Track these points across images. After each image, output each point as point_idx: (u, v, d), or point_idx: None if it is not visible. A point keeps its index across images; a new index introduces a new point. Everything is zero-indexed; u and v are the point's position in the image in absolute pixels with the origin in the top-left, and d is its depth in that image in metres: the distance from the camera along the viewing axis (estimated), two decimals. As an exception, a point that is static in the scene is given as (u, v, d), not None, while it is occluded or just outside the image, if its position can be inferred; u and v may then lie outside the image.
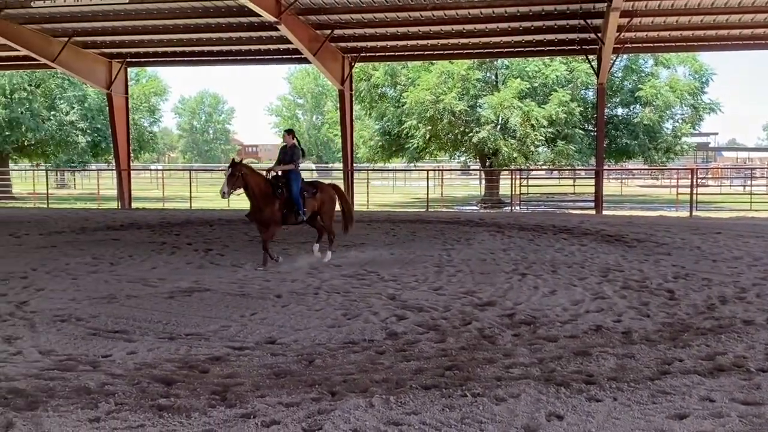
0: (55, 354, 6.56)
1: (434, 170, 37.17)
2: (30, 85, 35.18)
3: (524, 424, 4.70)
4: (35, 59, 23.44)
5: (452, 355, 6.42)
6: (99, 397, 5.18)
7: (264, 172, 12.29)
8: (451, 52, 24.57)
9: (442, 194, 29.94)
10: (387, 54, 25.11)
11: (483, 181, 33.82)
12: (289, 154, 12.06)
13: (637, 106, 30.12)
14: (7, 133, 34.55)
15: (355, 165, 28.87)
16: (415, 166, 36.03)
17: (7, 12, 20.19)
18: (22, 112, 34.43)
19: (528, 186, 28.60)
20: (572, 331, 7.34)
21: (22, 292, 9.54)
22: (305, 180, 12.44)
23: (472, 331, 7.34)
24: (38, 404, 5.05)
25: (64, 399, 5.18)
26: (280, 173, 12.06)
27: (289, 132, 12.26)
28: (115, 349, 6.72)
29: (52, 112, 35.79)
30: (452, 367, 5.96)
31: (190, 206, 26.52)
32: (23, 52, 22.60)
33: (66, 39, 22.92)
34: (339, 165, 45.40)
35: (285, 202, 11.76)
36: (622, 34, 20.21)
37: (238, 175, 11.33)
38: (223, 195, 11.46)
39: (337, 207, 12.98)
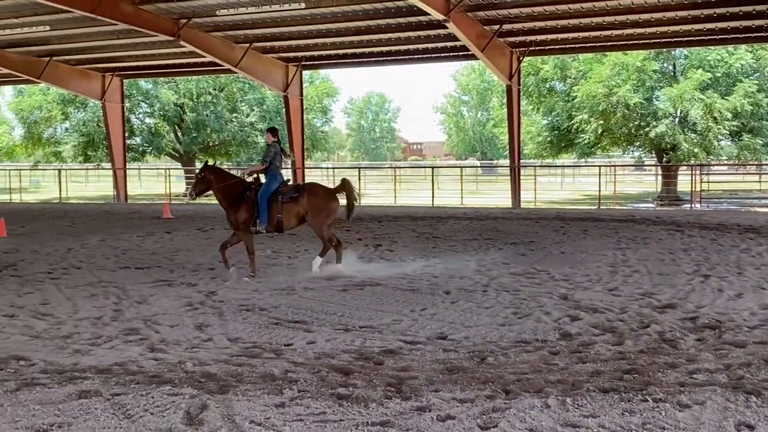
0: (241, 341, 7.00)
1: (606, 166, 35.85)
2: (214, 89, 37.68)
3: (711, 434, 4.45)
4: (220, 65, 25.03)
5: (631, 358, 6.18)
6: (283, 384, 5.47)
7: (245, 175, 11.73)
8: (626, 42, 23.52)
9: (614, 191, 28.80)
10: (557, 47, 24.48)
11: (659, 178, 32.17)
12: (263, 153, 11.52)
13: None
14: (194, 134, 37.28)
15: (522, 161, 28.44)
16: (585, 161, 34.93)
17: (194, 21, 21.71)
18: (207, 115, 36.99)
19: (709, 182, 26.89)
20: (762, 336, 6.84)
21: (211, 282, 10.26)
22: (288, 182, 11.41)
23: (651, 334, 7.03)
24: (229, 388, 5.39)
25: (252, 384, 5.50)
26: (256, 176, 11.38)
27: (270, 130, 11.52)
28: (295, 338, 7.07)
29: (234, 115, 38.17)
30: (631, 371, 5.74)
31: (359, 203, 27.23)
32: (209, 58, 24.21)
33: (247, 45, 24.32)
34: (504, 162, 44.91)
35: (252, 206, 10.88)
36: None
37: (199, 178, 11.10)
38: (189, 197, 11.48)
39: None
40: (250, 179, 11.41)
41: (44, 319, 8.02)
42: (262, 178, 11.24)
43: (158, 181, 42.87)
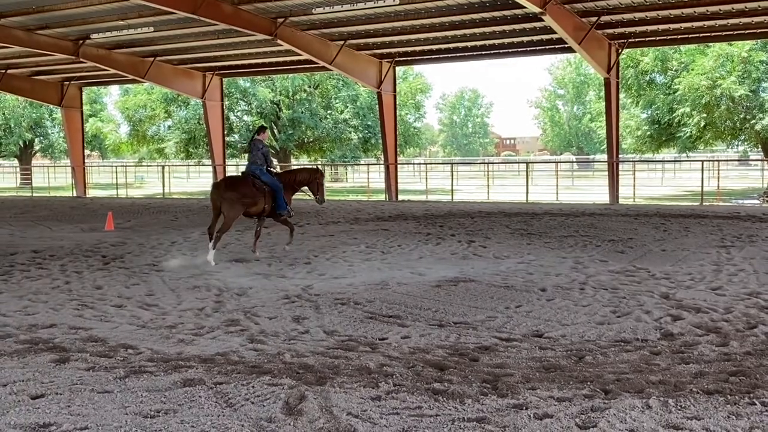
0: (337, 334, 7.13)
1: (709, 161, 34.44)
2: (309, 87, 38.36)
3: (826, 442, 4.23)
4: (315, 62, 25.44)
5: (737, 359, 5.94)
6: (379, 377, 5.53)
7: None
8: (731, 33, 22.49)
9: (718, 187, 27.62)
10: (658, 38, 23.66)
11: (765, 173, 30.68)
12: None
13: None
14: (290, 131, 38.10)
15: (620, 156, 27.67)
16: (687, 156, 33.67)
17: (291, 20, 22.14)
18: (302, 112, 37.73)
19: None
20: None
21: (307, 276, 10.48)
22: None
23: (758, 335, 6.73)
24: (326, 380, 5.49)
25: (348, 377, 5.59)
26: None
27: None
28: (390, 332, 7.14)
29: (328, 111, 38.79)
30: (737, 373, 5.52)
31: (452, 198, 27.22)
32: (305, 56, 24.65)
33: (342, 42, 24.63)
34: (602, 157, 43.78)
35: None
36: None
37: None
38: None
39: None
40: None
41: (150, 310, 8.38)
42: None
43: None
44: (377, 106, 29.09)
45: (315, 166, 13.06)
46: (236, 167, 47.62)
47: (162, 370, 5.80)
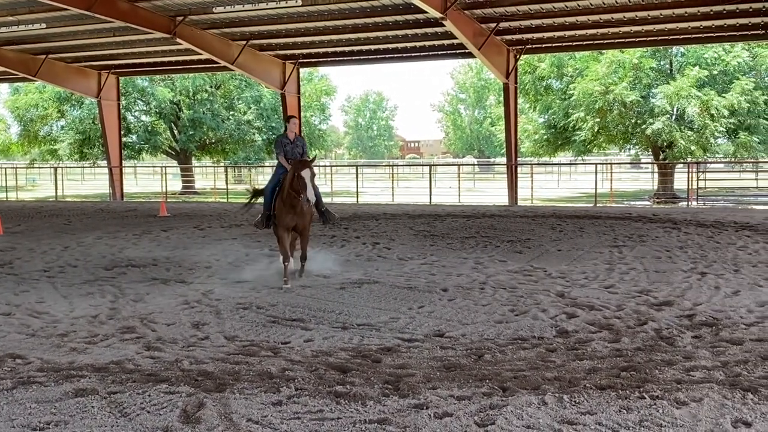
0: (239, 339, 7.00)
1: (603, 164, 35.88)
2: (211, 87, 37.61)
3: (707, 430, 4.45)
4: (216, 62, 24.96)
5: (628, 355, 6.19)
6: (280, 382, 5.46)
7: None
8: (623, 40, 23.53)
9: (611, 188, 28.80)
10: (553, 45, 24.47)
11: (656, 175, 32.21)
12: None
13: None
14: (191, 132, 37.23)
15: (519, 159, 28.45)
16: (582, 159, 34.94)
17: (190, 18, 21.66)
18: (203, 113, 36.94)
19: (706, 180, 26.92)
20: (759, 334, 6.85)
21: (207, 281, 10.25)
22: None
23: (648, 331, 7.05)
24: (226, 386, 5.38)
25: (249, 382, 5.49)
26: None
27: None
28: (293, 336, 7.07)
29: (231, 112, 38.14)
30: (628, 368, 5.75)
31: (357, 201, 27.28)
32: (205, 55, 24.13)
33: (244, 42, 24.27)
34: (502, 160, 44.92)
35: None
36: (816, 14, 18.54)
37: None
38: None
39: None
40: None
41: (40, 318, 8.01)
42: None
43: (154, 179, 42.89)
44: (281, 107, 28.80)
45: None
46: (134, 168, 46.37)
47: (53, 381, 5.56)
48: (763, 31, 20.73)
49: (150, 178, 45.00)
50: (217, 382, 5.49)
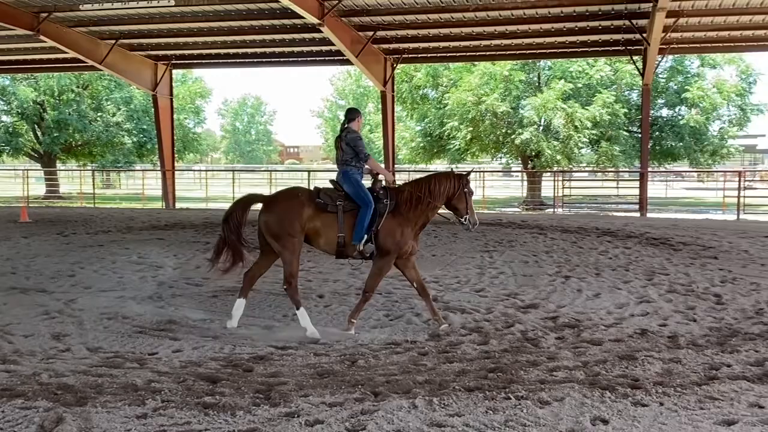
0: (102, 351, 6.69)
1: (476, 172, 36.95)
2: (78, 87, 35.91)
3: (568, 428, 4.64)
4: (83, 61, 23.89)
5: (495, 357, 6.37)
6: (146, 394, 5.25)
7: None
8: (494, 53, 24.43)
9: (483, 195, 29.69)
10: (429, 55, 25.07)
11: (525, 183, 33.54)
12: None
13: (683, 107, 29.56)
14: (55, 134, 35.33)
15: (396, 166, 28.85)
16: (456, 167, 35.81)
17: (56, 15, 20.62)
18: (69, 114, 35.18)
19: (571, 188, 28.27)
20: (617, 334, 7.24)
21: (71, 290, 9.73)
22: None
23: (515, 333, 7.29)
24: (87, 400, 5.12)
25: (112, 395, 5.25)
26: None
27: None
28: (160, 347, 6.83)
29: (99, 114, 36.52)
30: (495, 370, 5.92)
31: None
32: (71, 54, 23.06)
33: (113, 41, 23.36)
34: (380, 166, 45.35)
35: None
36: (668, 34, 19.90)
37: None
38: None
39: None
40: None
41: None
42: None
43: (15, 182, 40.46)
44: (153, 109, 27.91)
45: (454, 170, 8.59)
46: (-7, 172, 43.45)
47: None
48: (624, 47, 22.05)
49: (11, 182, 42.34)
50: (78, 396, 5.23)
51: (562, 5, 19.10)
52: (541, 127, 28.66)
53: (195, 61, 27.07)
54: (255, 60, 25.85)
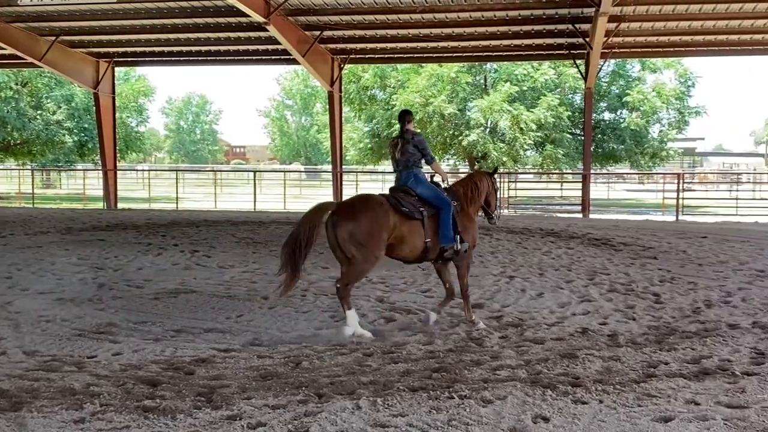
0: (39, 354, 6.51)
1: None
2: (16, 84, 34.93)
3: (510, 427, 4.69)
4: (22, 58, 23.27)
5: (440, 357, 6.41)
6: (84, 398, 5.13)
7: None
8: (441, 55, 24.61)
9: (430, 197, 29.89)
10: (376, 56, 25.10)
11: (471, 185, 33.85)
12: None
13: (624, 110, 30.27)
14: (-7, 132, 34.35)
15: (344, 167, 28.84)
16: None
17: (-7, 10, 20.07)
18: (7, 111, 34.19)
19: (516, 189, 28.66)
20: (559, 333, 7.35)
21: (7, 292, 9.44)
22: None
23: (459, 333, 7.35)
24: (22, 405, 4.99)
25: (49, 400, 5.12)
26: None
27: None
28: (100, 350, 6.67)
29: (39, 112, 35.58)
30: (439, 369, 5.95)
31: (177, 207, 26.40)
32: (9, 50, 22.45)
33: (53, 38, 22.78)
34: (328, 167, 45.31)
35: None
36: (610, 38, 20.32)
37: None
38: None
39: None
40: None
41: None
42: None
43: (-50, 182, 39.19)
44: (94, 107, 27.31)
45: (482, 168, 7.49)
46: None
47: None
48: (567, 51, 22.46)
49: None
50: (13, 401, 5.09)
51: (507, 9, 19.35)
52: (488, 129, 28.98)
53: (138, 59, 26.60)
54: (200, 58, 25.48)
